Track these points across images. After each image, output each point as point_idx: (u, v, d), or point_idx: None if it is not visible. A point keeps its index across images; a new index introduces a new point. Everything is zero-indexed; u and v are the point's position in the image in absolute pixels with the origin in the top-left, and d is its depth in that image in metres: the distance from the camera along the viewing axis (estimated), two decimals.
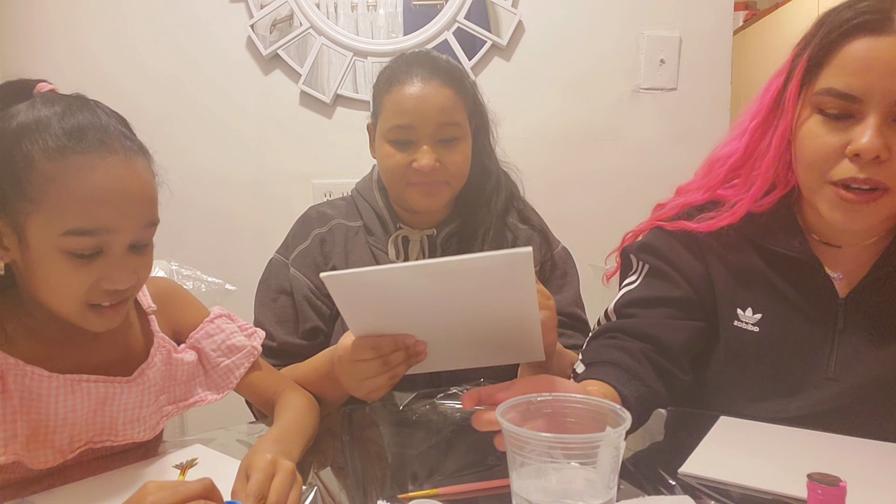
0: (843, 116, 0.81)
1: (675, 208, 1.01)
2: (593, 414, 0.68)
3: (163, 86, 1.90)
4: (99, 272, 0.78)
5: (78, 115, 0.77)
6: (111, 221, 0.76)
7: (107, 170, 0.76)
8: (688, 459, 0.82)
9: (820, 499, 0.61)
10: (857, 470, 0.78)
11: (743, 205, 0.93)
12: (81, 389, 0.83)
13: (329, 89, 1.94)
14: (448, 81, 1.13)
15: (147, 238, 0.82)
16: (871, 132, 0.77)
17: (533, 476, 0.63)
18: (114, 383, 0.86)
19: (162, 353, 0.93)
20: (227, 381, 0.99)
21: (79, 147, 0.75)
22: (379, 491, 0.77)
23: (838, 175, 0.81)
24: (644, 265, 1.01)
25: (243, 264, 1.85)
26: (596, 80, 2.00)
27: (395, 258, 1.19)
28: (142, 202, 0.80)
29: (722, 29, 2.00)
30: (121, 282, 0.79)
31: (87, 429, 0.85)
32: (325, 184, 1.95)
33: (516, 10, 1.95)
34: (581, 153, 2.02)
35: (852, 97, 0.79)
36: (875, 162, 0.78)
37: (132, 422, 0.89)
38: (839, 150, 0.81)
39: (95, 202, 0.75)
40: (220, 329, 1.00)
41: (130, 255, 0.80)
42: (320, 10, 1.92)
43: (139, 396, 0.89)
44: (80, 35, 1.87)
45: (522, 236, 1.25)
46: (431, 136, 1.11)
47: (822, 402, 0.90)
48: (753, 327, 0.93)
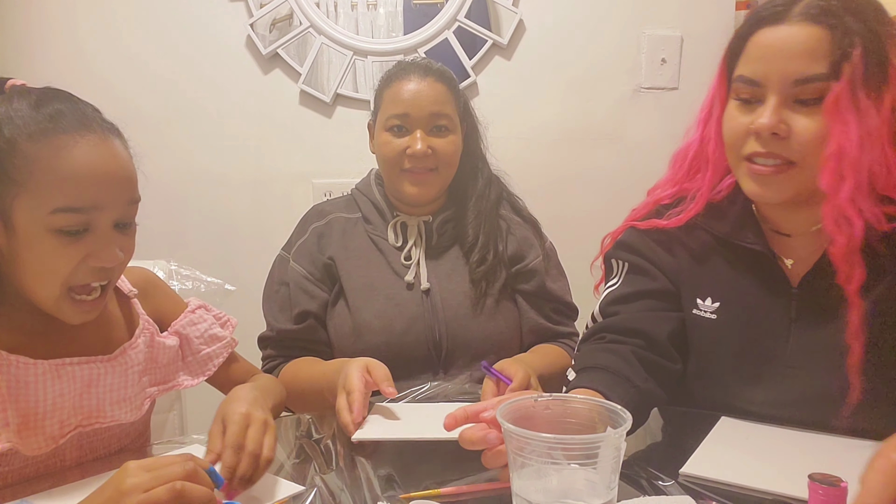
0: (753, 101, 0.89)
1: (647, 206, 1.07)
2: (594, 414, 0.67)
3: (162, 85, 1.90)
4: (85, 249, 0.80)
5: (54, 101, 0.81)
6: (97, 197, 0.79)
7: (87, 147, 0.79)
8: (689, 460, 0.82)
9: (821, 499, 0.61)
10: (858, 471, 0.77)
11: (703, 193, 0.99)
12: (66, 373, 0.85)
13: (329, 89, 1.94)
14: (441, 79, 1.25)
15: (130, 216, 0.85)
16: (768, 112, 0.85)
17: (533, 476, 0.63)
18: (97, 363, 0.88)
19: (146, 335, 0.96)
20: (205, 368, 1.03)
21: (59, 127, 0.78)
22: (380, 491, 0.77)
23: (746, 151, 0.90)
24: (623, 264, 1.06)
25: (243, 264, 1.86)
26: (597, 79, 2.00)
27: (395, 242, 1.27)
28: (124, 178, 0.83)
29: (723, 28, 1.99)
30: (107, 259, 0.81)
31: (76, 412, 0.86)
32: (325, 183, 1.95)
33: (517, 10, 1.94)
34: (582, 153, 2.02)
35: (756, 82, 0.87)
36: (774, 138, 0.86)
37: (118, 402, 0.90)
38: (747, 130, 0.89)
39: (81, 179, 0.78)
40: (202, 319, 1.04)
41: (115, 233, 0.83)
42: (320, 10, 1.92)
43: (123, 376, 0.91)
44: (78, 35, 1.87)
45: (516, 227, 1.33)
46: (425, 125, 1.23)
47: (787, 391, 0.92)
48: (711, 315, 0.98)
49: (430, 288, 1.23)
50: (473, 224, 1.28)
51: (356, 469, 0.84)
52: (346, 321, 1.22)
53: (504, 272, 1.26)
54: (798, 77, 0.84)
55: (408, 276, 1.23)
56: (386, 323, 1.19)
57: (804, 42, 0.84)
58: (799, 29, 0.84)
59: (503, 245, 1.28)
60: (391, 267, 1.25)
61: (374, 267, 1.24)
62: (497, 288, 1.24)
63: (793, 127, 0.85)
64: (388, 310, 1.20)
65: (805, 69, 0.83)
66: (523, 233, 1.32)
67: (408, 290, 1.23)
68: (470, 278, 1.24)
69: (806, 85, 0.84)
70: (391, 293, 1.22)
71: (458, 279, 1.25)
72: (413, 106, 1.22)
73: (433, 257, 1.27)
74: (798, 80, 0.84)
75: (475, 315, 1.21)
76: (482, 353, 1.19)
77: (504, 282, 1.26)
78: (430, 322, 1.21)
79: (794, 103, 0.85)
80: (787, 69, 0.84)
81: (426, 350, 1.20)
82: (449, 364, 1.20)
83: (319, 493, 0.77)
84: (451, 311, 1.21)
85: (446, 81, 1.25)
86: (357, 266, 1.24)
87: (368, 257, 1.25)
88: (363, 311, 1.20)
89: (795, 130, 0.85)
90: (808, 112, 0.84)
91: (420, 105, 1.22)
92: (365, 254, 1.26)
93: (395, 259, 1.25)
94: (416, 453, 0.91)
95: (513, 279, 1.27)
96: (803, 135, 0.84)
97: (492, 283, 1.24)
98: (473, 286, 1.23)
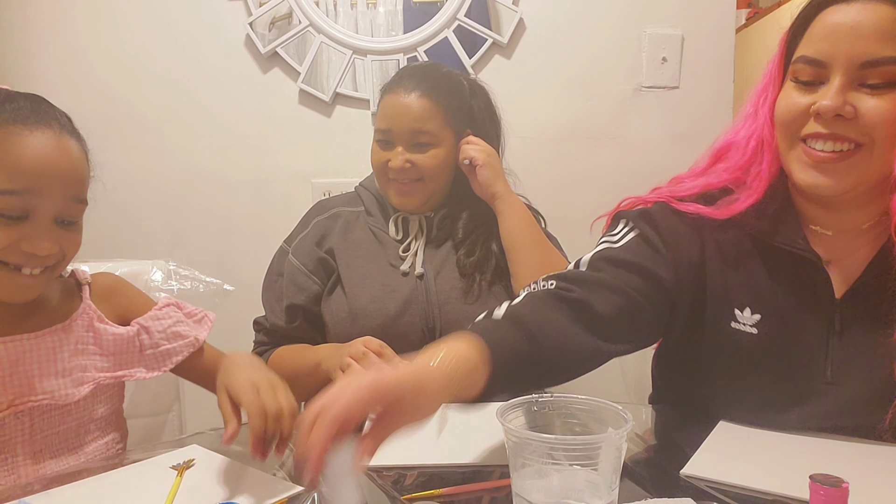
0: (814, 83, 0.84)
1: (694, 189, 0.98)
2: (595, 415, 0.67)
3: (160, 84, 1.89)
4: (20, 234, 0.83)
5: (22, 99, 0.87)
6: (36, 185, 0.83)
7: (40, 138, 0.84)
8: (690, 460, 0.81)
9: (822, 500, 0.61)
10: (860, 472, 0.77)
11: (762, 180, 0.92)
12: None
13: (328, 88, 1.94)
14: (428, 93, 1.25)
15: (74, 215, 0.89)
16: (832, 92, 0.81)
17: (534, 477, 0.62)
18: (23, 340, 0.90)
19: (84, 318, 0.97)
20: (162, 363, 1.04)
21: (16, 117, 0.84)
22: (380, 491, 0.77)
23: (804, 132, 0.85)
24: (634, 228, 0.97)
25: (243, 264, 1.85)
26: (597, 78, 1.99)
27: (396, 234, 1.30)
28: (69, 175, 0.87)
29: (724, 27, 1.99)
30: (40, 248, 0.84)
31: (6, 390, 0.88)
32: (324, 183, 1.94)
33: (517, 8, 1.94)
34: (582, 152, 2.01)
35: (820, 62, 0.83)
36: (837, 119, 0.81)
37: (48, 377, 0.91)
38: (806, 110, 0.84)
39: (23, 165, 0.83)
40: (168, 315, 1.05)
41: (55, 228, 0.86)
42: (319, 8, 1.91)
43: (52, 352, 0.92)
44: (77, 35, 1.86)
45: None
46: (406, 140, 1.26)
47: (823, 409, 0.87)
48: (752, 329, 0.90)
49: (423, 273, 1.25)
50: (465, 222, 1.31)
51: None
52: (343, 306, 1.24)
53: (495, 260, 1.28)
54: (867, 59, 0.79)
55: (404, 266, 1.26)
56: (380, 307, 1.22)
57: (875, 22, 0.79)
58: (871, 8, 0.79)
59: (497, 243, 1.29)
60: (389, 259, 1.28)
61: (372, 258, 1.27)
62: (490, 273, 1.27)
63: (859, 108, 0.80)
64: (382, 295, 1.23)
65: (875, 51, 0.79)
66: None
67: (403, 276, 1.25)
68: (460, 272, 1.27)
69: (874, 68, 0.79)
70: (386, 280, 1.25)
71: (451, 266, 1.28)
72: (394, 122, 1.25)
73: (431, 248, 1.30)
74: (867, 62, 0.79)
75: (467, 299, 1.24)
76: None
77: (498, 268, 1.28)
78: (424, 306, 1.23)
79: (858, 86, 0.81)
80: (854, 50, 0.80)
81: (420, 333, 1.22)
82: None
83: (319, 494, 0.77)
84: (444, 294, 1.24)
85: (434, 96, 1.25)
86: (356, 256, 1.27)
87: (368, 249, 1.28)
88: (359, 297, 1.23)
89: (862, 111, 0.80)
90: (876, 94, 0.79)
91: (400, 122, 1.25)
92: (365, 245, 1.29)
93: (393, 252, 1.28)
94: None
95: None
96: (872, 115, 0.79)
97: (484, 273, 1.27)
98: (464, 276, 1.26)
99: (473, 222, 1.31)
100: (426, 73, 1.29)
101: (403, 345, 1.18)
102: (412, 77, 1.28)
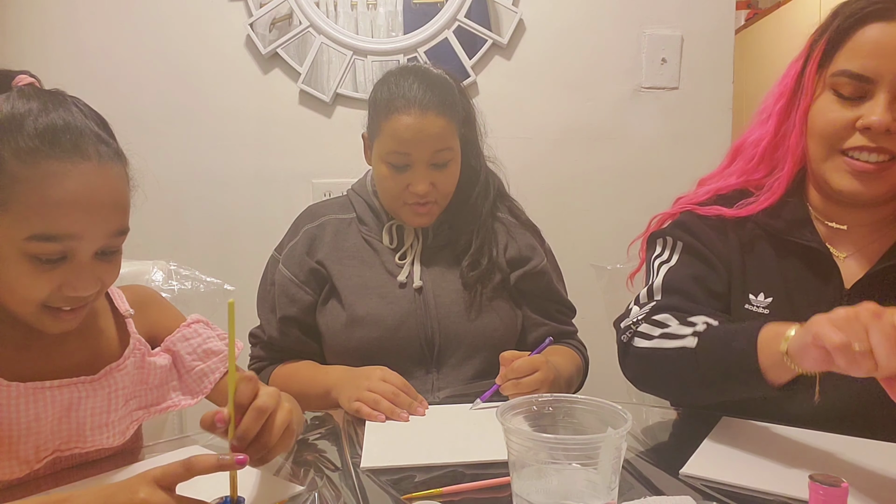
0: (856, 97, 0.89)
1: (707, 194, 1.05)
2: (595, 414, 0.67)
3: (161, 85, 1.90)
4: (61, 278, 0.75)
5: (53, 114, 0.75)
6: (78, 229, 0.74)
7: (78, 176, 0.74)
8: (689, 460, 0.81)
9: (822, 499, 0.61)
10: (859, 471, 0.77)
11: (781, 184, 0.98)
12: (45, 397, 0.81)
13: (329, 88, 1.94)
14: (442, 111, 1.18)
15: (115, 246, 0.80)
16: (881, 108, 0.86)
17: (534, 477, 0.62)
18: (78, 385, 0.84)
19: (136, 355, 0.91)
20: (201, 385, 0.97)
21: (51, 151, 0.73)
22: (380, 491, 0.77)
23: (848, 144, 0.89)
24: (677, 242, 1.04)
25: (243, 264, 1.85)
26: (597, 79, 1.99)
27: (389, 244, 1.26)
28: (112, 210, 0.77)
29: (724, 28, 1.99)
30: (83, 289, 0.77)
31: (54, 437, 0.82)
32: (324, 183, 1.94)
33: (517, 9, 1.94)
34: (582, 152, 2.01)
35: (866, 78, 0.88)
36: (886, 134, 0.87)
37: (100, 427, 0.86)
38: (851, 124, 0.89)
39: (63, 209, 0.73)
40: (197, 333, 0.98)
41: (96, 262, 0.78)
42: (320, 9, 1.92)
43: (106, 400, 0.87)
44: (78, 34, 1.86)
45: (516, 230, 1.31)
46: (426, 162, 1.19)
47: (829, 397, 0.87)
48: (764, 310, 0.96)
49: (422, 286, 1.22)
50: (467, 229, 1.27)
51: (357, 469, 0.84)
52: (339, 316, 1.21)
53: (499, 274, 1.25)
54: None
55: (400, 276, 1.23)
56: (378, 319, 1.19)
57: None
58: None
59: (497, 249, 1.27)
60: (385, 267, 1.24)
61: (367, 267, 1.24)
62: (491, 287, 1.24)
63: None
64: (380, 307, 1.20)
65: None
66: (525, 236, 1.30)
67: (400, 288, 1.22)
68: (462, 282, 1.23)
69: None
70: (384, 291, 1.22)
71: (451, 278, 1.24)
72: (415, 146, 1.16)
73: (428, 257, 1.26)
74: None
75: (468, 312, 1.21)
76: (475, 350, 1.20)
77: (500, 282, 1.25)
78: (423, 319, 1.20)
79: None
80: None
81: (419, 346, 1.20)
82: (442, 361, 1.20)
83: (319, 494, 0.77)
84: (444, 308, 1.21)
85: (446, 112, 1.18)
86: (350, 266, 1.24)
87: (362, 257, 1.25)
88: (356, 308, 1.20)
89: None
90: None
91: (422, 145, 1.17)
92: (359, 254, 1.25)
93: (388, 259, 1.25)
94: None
95: (518, 281, 1.26)
96: None
97: (486, 285, 1.23)
98: (466, 289, 1.23)
99: (473, 230, 1.27)
100: (429, 85, 1.19)
101: (401, 356, 1.18)
102: (416, 91, 1.18)
